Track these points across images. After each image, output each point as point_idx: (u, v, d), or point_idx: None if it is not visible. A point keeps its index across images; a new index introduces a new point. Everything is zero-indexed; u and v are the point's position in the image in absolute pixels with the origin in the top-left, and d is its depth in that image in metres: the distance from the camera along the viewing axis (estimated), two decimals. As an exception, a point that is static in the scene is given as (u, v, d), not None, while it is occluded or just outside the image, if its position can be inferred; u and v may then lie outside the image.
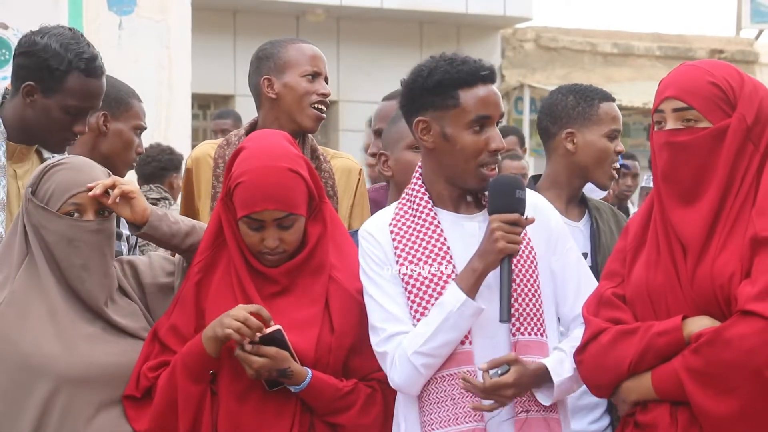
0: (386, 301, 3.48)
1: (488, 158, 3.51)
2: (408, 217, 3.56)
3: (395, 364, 3.43)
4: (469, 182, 3.53)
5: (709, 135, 3.21)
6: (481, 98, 3.50)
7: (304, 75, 4.50)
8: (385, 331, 3.46)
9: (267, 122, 4.53)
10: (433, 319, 3.40)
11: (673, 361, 3.17)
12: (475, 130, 3.50)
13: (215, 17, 15.01)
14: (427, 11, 16.04)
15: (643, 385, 3.23)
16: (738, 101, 3.21)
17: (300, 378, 3.51)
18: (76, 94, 4.08)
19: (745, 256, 3.15)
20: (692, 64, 3.33)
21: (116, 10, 8.94)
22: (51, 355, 3.50)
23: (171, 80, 9.47)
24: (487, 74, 3.53)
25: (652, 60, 17.81)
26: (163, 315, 3.66)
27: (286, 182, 3.53)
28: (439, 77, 3.51)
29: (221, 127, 9.69)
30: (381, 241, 3.54)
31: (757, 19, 18.75)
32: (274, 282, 3.60)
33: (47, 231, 3.56)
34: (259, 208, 3.50)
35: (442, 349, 3.41)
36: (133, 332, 3.61)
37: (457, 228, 3.53)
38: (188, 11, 9.59)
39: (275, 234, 3.54)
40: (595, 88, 4.50)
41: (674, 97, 3.24)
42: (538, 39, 17.46)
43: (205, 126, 15.33)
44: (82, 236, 3.56)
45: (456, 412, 3.42)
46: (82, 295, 3.56)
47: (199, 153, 4.66)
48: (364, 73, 15.79)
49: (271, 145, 3.59)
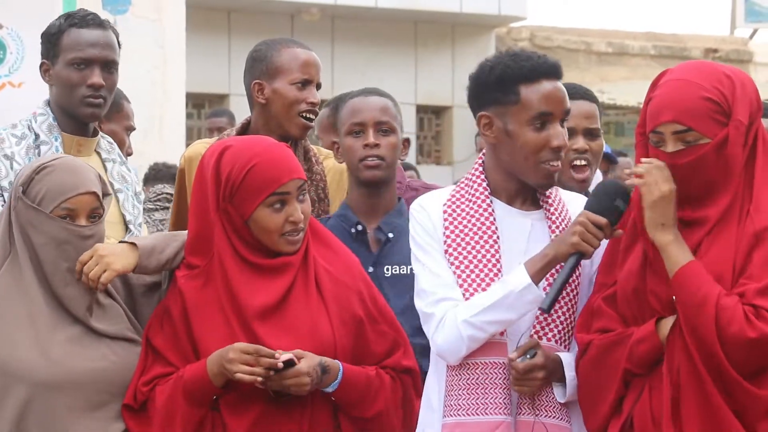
0: (438, 267, 3.48)
1: (550, 155, 3.49)
2: (464, 200, 3.55)
3: (442, 327, 3.41)
4: (531, 178, 3.51)
5: (711, 150, 3.20)
6: (543, 94, 3.49)
7: (294, 83, 4.47)
8: (435, 294, 3.45)
9: (258, 124, 4.53)
10: (493, 293, 3.39)
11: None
12: (536, 126, 3.48)
13: (210, 16, 14.99)
14: (421, 10, 16.02)
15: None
16: (732, 107, 3.21)
17: (335, 369, 3.48)
18: (74, 46, 4.17)
19: (740, 250, 3.16)
20: (683, 78, 3.26)
21: (111, 10, 8.93)
22: (27, 360, 3.46)
23: (166, 79, 9.48)
24: (550, 69, 3.51)
25: (646, 59, 17.81)
26: (154, 318, 3.60)
27: (289, 154, 3.55)
28: (501, 72, 3.50)
29: (216, 125, 9.68)
30: (433, 218, 3.53)
31: (752, 19, 18.75)
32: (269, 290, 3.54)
33: (36, 231, 3.53)
34: (286, 179, 3.48)
35: (493, 326, 3.39)
36: (114, 335, 3.56)
37: (510, 221, 3.52)
38: (183, 11, 9.60)
39: (298, 206, 3.51)
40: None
41: (673, 121, 3.22)
42: (532, 38, 17.45)
43: (200, 125, 15.31)
44: (73, 240, 3.53)
45: (486, 402, 3.41)
46: (64, 300, 3.52)
47: (192, 153, 4.64)
48: (359, 73, 15.77)
49: (255, 137, 3.63)
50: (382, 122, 4.14)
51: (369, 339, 3.60)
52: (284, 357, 3.40)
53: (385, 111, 4.16)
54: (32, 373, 3.46)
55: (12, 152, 4.16)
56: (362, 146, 4.11)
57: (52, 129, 4.22)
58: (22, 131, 4.23)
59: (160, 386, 3.52)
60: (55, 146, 4.19)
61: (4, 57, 7.63)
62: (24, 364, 3.46)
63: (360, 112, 4.15)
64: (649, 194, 3.23)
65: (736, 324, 3.09)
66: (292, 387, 3.42)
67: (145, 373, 3.55)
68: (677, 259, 3.19)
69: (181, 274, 3.57)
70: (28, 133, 4.22)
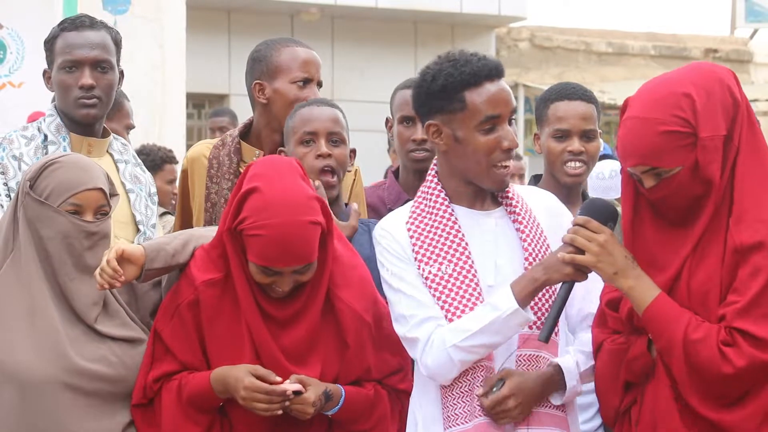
0: (412, 290, 3.45)
1: (501, 156, 3.46)
2: (425, 215, 3.52)
3: (431, 350, 3.39)
4: (485, 182, 3.50)
5: (684, 177, 3.14)
6: (488, 98, 3.44)
7: (295, 81, 4.46)
8: (415, 317, 3.42)
9: (260, 125, 4.52)
10: (480, 318, 3.37)
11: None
12: (485, 130, 3.45)
13: (210, 16, 14.99)
14: (421, 10, 16.03)
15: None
16: (697, 126, 3.11)
17: (337, 396, 3.51)
18: (64, 50, 4.22)
19: (725, 267, 3.12)
20: (639, 116, 3.16)
21: (111, 10, 8.93)
22: (23, 361, 3.47)
23: (165, 79, 9.47)
24: (492, 71, 3.47)
25: (646, 59, 17.82)
26: (163, 311, 3.60)
27: (307, 236, 3.42)
28: (443, 81, 3.45)
29: (218, 125, 9.68)
30: (399, 240, 3.50)
31: (752, 19, 18.76)
32: (280, 321, 3.54)
33: (43, 226, 3.55)
34: (282, 265, 3.42)
35: (482, 349, 3.38)
36: (115, 336, 3.57)
37: (474, 224, 3.51)
38: (183, 10, 9.60)
39: (290, 280, 3.47)
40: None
41: (637, 165, 3.16)
42: (532, 38, 17.46)
43: (200, 125, 15.32)
44: (79, 235, 3.55)
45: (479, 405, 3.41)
46: (69, 294, 3.53)
47: (194, 153, 4.64)
48: (359, 72, 15.79)
49: (289, 192, 3.43)
50: (333, 132, 4.10)
51: (369, 364, 3.61)
52: (293, 387, 3.42)
53: (336, 122, 4.12)
54: (29, 372, 3.46)
55: (21, 153, 4.20)
56: (315, 156, 4.05)
57: (60, 129, 4.24)
58: (31, 132, 4.27)
59: (166, 387, 3.54)
60: (63, 146, 4.21)
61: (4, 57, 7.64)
62: (20, 364, 3.47)
63: (311, 121, 4.10)
64: (589, 254, 3.23)
65: (706, 361, 3.06)
66: (294, 411, 3.46)
67: (154, 367, 3.56)
68: (641, 302, 3.17)
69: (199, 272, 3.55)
70: (37, 134, 4.26)
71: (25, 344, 3.49)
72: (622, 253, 3.21)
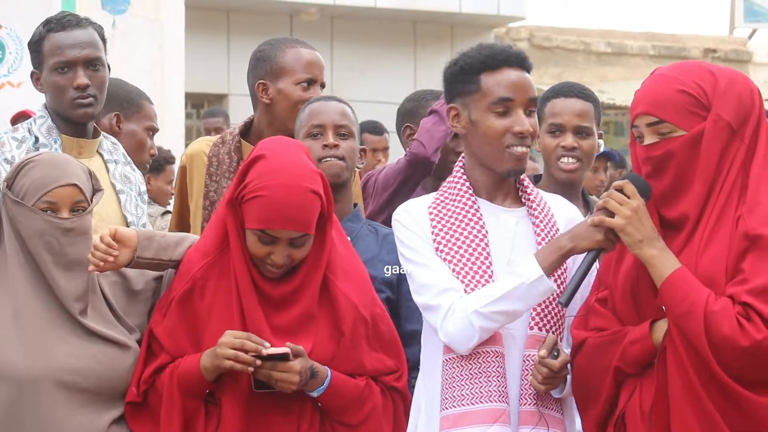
0: (431, 262, 3.48)
1: (513, 140, 3.50)
2: (448, 202, 3.56)
3: (452, 316, 3.40)
4: (499, 166, 3.53)
5: (684, 143, 3.20)
6: (503, 81, 3.51)
7: (299, 82, 4.47)
8: (438, 286, 3.45)
9: (262, 124, 4.52)
10: (503, 284, 3.38)
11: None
12: (498, 113, 3.51)
13: (209, 16, 14.99)
14: (420, 10, 16.02)
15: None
16: (712, 102, 3.20)
17: (323, 375, 3.50)
18: (55, 51, 4.20)
19: (732, 252, 3.15)
20: (662, 73, 3.30)
21: (110, 9, 8.93)
22: (10, 361, 3.47)
23: (164, 79, 9.47)
24: (511, 57, 3.53)
25: (645, 59, 17.81)
26: (157, 311, 3.62)
27: (306, 203, 3.46)
28: (463, 63, 3.55)
29: (213, 126, 9.69)
30: (420, 221, 3.54)
31: (751, 18, 18.75)
32: (275, 300, 3.54)
33: (22, 226, 3.55)
34: (278, 227, 3.45)
35: (503, 316, 3.39)
36: (106, 337, 3.57)
37: (495, 219, 3.54)
38: (182, 10, 9.60)
39: (285, 251, 3.49)
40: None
41: (645, 113, 3.24)
42: (531, 38, 17.45)
43: (199, 125, 15.28)
44: (54, 232, 3.54)
45: (484, 390, 3.42)
46: (56, 290, 3.53)
47: (193, 150, 4.63)
48: (358, 72, 15.78)
49: (293, 160, 3.50)
50: (341, 125, 4.11)
51: (363, 360, 3.60)
52: (281, 350, 3.41)
53: (344, 115, 4.14)
54: (16, 372, 3.46)
55: (13, 156, 4.18)
56: (321, 147, 4.07)
57: (51, 131, 4.23)
58: (22, 134, 4.26)
59: (160, 377, 3.55)
60: (54, 148, 4.20)
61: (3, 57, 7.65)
62: (7, 364, 3.47)
63: (319, 114, 4.12)
64: (619, 217, 3.23)
65: (727, 331, 3.07)
66: (279, 382, 3.44)
67: (148, 364, 3.57)
68: (663, 270, 3.18)
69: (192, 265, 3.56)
70: (28, 136, 4.25)
71: (13, 343, 3.49)
72: (651, 224, 3.23)
